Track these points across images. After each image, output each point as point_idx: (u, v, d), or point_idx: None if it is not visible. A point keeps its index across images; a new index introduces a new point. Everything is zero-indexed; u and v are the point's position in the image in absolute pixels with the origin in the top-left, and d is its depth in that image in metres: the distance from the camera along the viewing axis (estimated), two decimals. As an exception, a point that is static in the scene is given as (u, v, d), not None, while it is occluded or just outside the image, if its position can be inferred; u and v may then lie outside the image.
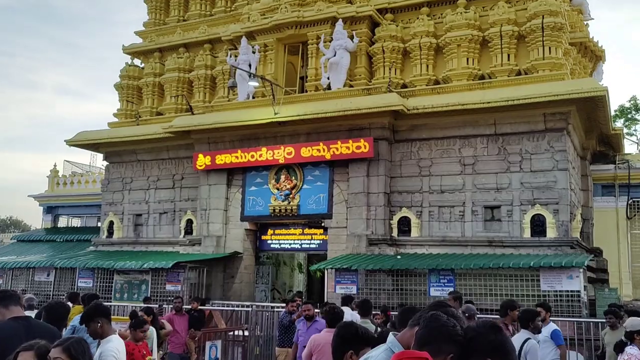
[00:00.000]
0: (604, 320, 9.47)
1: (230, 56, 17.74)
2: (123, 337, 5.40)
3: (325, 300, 13.94)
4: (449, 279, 13.26)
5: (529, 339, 5.85)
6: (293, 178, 16.54)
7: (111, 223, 19.60)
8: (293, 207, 16.34)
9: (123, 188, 19.75)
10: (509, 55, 15.04)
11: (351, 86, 16.40)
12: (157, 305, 12.73)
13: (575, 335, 10.99)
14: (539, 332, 6.48)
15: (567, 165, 13.99)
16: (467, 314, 6.71)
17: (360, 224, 15.29)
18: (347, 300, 10.51)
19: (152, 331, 8.45)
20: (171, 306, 12.27)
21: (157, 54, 20.31)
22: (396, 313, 7.61)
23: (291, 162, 16.33)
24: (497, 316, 7.42)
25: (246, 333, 13.11)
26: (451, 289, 13.14)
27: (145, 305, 11.28)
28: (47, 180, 25.56)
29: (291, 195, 16.44)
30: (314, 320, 8.11)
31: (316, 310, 8.96)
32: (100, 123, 79.60)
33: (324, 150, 15.67)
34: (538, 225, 13.88)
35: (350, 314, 8.93)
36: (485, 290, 13.19)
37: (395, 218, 15.32)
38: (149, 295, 15.53)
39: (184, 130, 17.66)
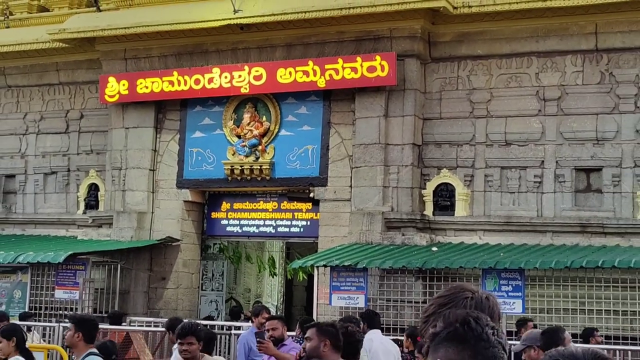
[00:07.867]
0: None
1: None
2: None
3: (316, 315, 13.83)
4: (515, 285, 13.29)
5: None
6: (264, 119, 16.55)
7: (-35, 189, 19.49)
8: (264, 167, 16.37)
9: (-16, 132, 19.66)
10: None
11: (361, -33, 16.19)
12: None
13: None
14: None
15: None
16: None
17: (374, 195, 15.36)
18: (371, 318, 9.97)
19: None
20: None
21: None
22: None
23: (261, 92, 16.31)
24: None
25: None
26: (517, 302, 13.16)
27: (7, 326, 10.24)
28: None
29: (260, 147, 16.47)
30: (282, 344, 8.30)
31: (289, 333, 9.08)
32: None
33: (315, 74, 15.63)
34: (662, 201, 13.95)
35: (379, 342, 9.00)
36: (573, 305, 13.25)
37: (431, 186, 15.40)
38: (26, 309, 15.38)
39: (84, 37, 17.51)
